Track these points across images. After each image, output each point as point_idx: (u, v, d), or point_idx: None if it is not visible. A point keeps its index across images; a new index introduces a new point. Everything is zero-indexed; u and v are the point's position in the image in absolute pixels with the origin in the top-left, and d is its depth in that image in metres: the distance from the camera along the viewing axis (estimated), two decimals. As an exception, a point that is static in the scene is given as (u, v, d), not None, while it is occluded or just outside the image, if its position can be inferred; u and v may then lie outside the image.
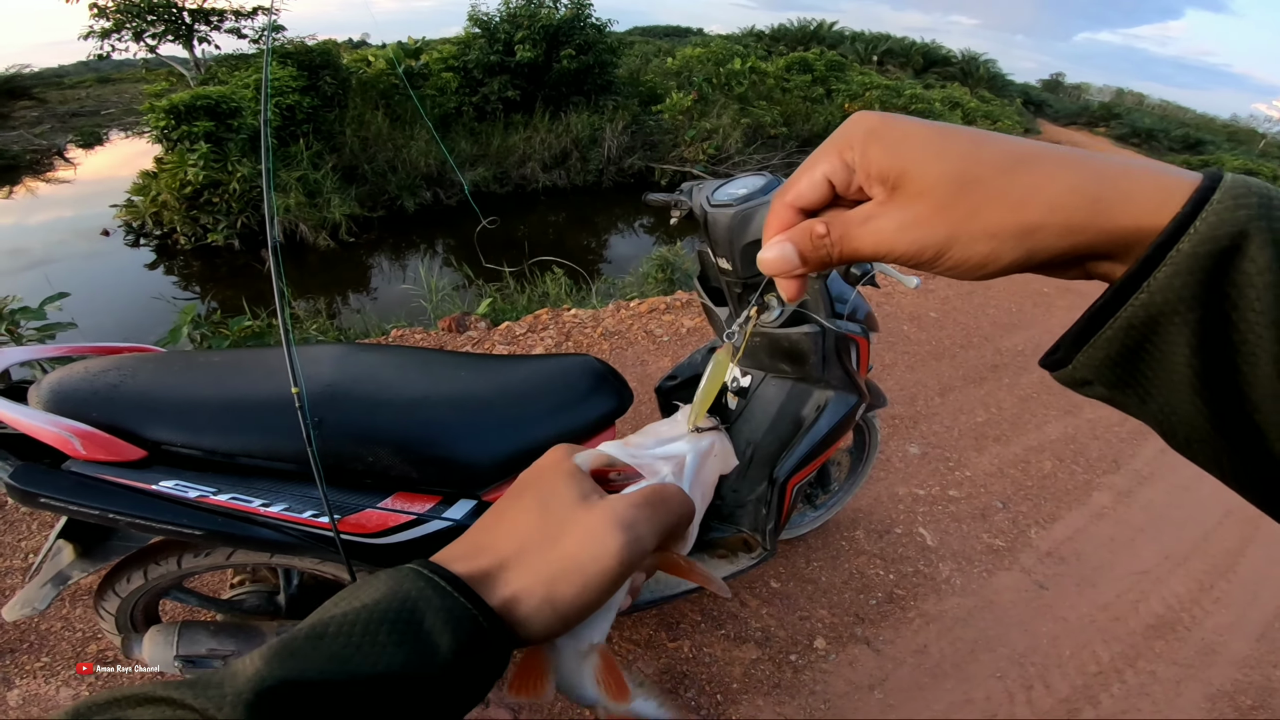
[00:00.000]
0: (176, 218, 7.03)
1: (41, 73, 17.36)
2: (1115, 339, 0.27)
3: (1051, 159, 0.28)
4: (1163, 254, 0.25)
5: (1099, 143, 18.44)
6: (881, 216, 0.32)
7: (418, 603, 0.32)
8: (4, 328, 2.67)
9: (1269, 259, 0.24)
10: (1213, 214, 0.25)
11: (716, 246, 1.31)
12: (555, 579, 0.35)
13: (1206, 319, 0.25)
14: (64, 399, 0.97)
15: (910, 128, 0.31)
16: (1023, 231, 0.28)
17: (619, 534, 0.35)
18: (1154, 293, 0.26)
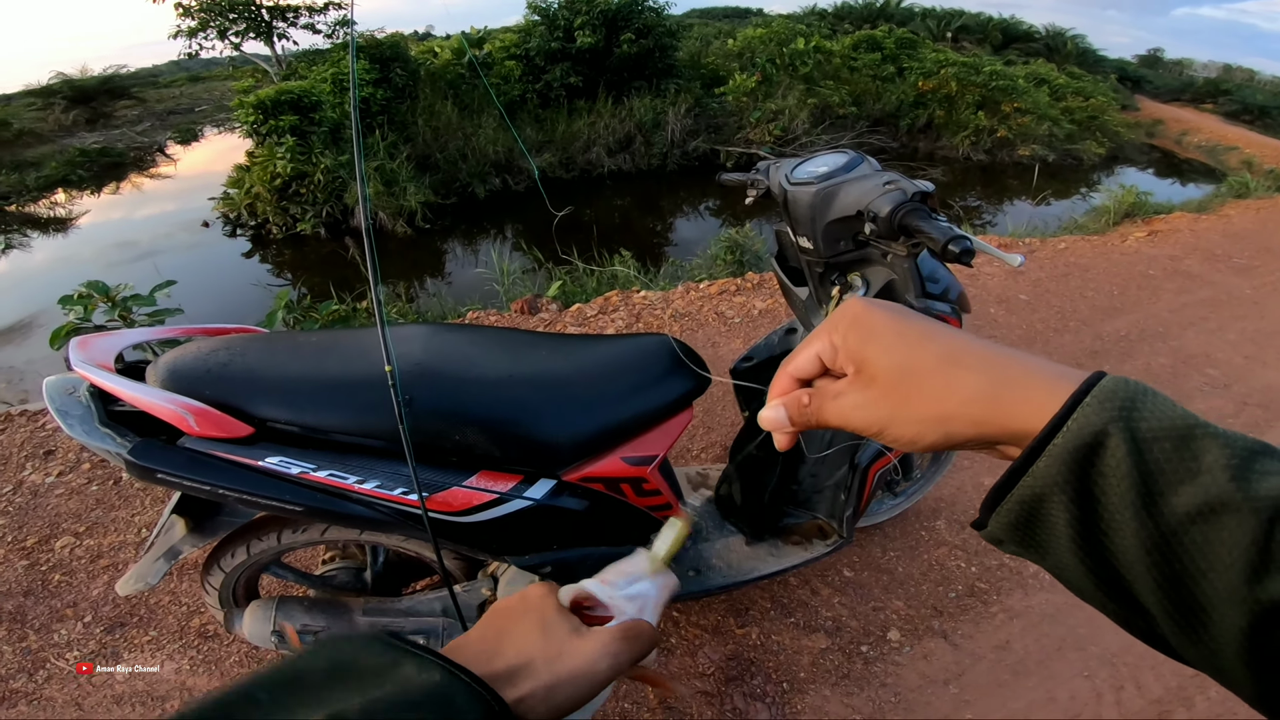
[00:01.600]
0: (268, 209, 7.49)
1: (137, 73, 18.74)
2: (1013, 510, 0.33)
3: (975, 360, 0.35)
4: (1043, 447, 0.31)
5: (1206, 119, 16.79)
6: (846, 395, 0.39)
7: (450, 693, 0.39)
8: (118, 313, 2.91)
9: (1124, 453, 0.29)
10: (1082, 416, 0.30)
11: (797, 226, 1.27)
12: (555, 687, 0.45)
13: (1078, 499, 0.31)
14: (179, 377, 1.03)
15: (880, 319, 0.38)
16: (940, 419, 0.35)
17: (607, 660, 0.47)
18: (1036, 477, 0.31)
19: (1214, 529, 0.28)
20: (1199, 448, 0.29)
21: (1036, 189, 8.83)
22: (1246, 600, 0.27)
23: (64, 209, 9.64)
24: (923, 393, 0.36)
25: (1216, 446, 0.29)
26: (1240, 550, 0.28)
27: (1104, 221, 5.69)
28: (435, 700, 0.38)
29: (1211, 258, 4.65)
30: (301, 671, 0.39)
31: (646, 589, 0.53)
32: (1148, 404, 0.30)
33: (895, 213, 1.02)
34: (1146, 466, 0.29)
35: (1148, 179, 11.52)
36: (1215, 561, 0.28)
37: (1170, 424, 0.30)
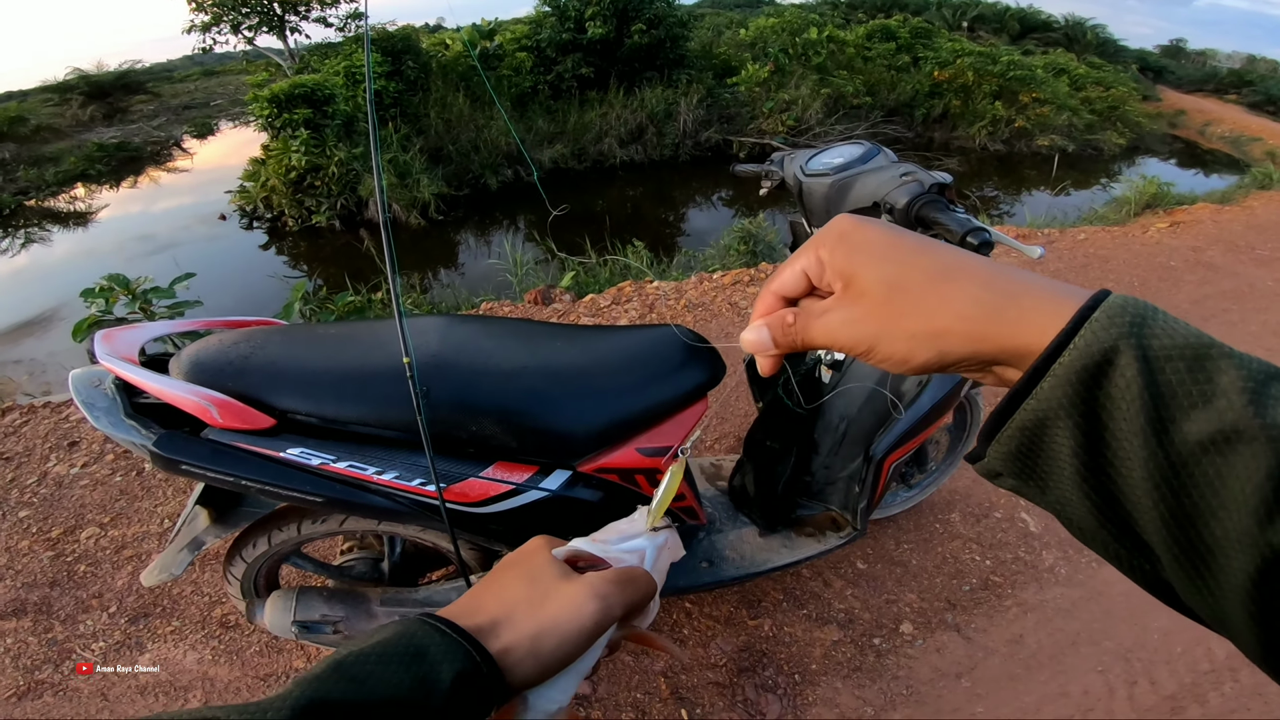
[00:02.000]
0: (284, 201, 7.57)
1: (152, 68, 18.92)
2: (1013, 438, 0.31)
3: (971, 275, 0.33)
4: (1048, 366, 0.29)
5: (1230, 110, 16.41)
6: (832, 311, 0.37)
7: (424, 642, 0.39)
8: (138, 306, 2.96)
9: (1135, 373, 0.27)
10: (1089, 332, 0.28)
11: (813, 217, 1.27)
12: (540, 635, 0.43)
13: (1084, 424, 0.29)
14: (202, 369, 1.05)
15: (870, 234, 0.36)
16: (933, 335, 0.33)
17: (594, 601, 0.44)
18: (1040, 400, 0.29)
19: (1228, 460, 0.26)
20: (1214, 369, 0.27)
21: (1055, 179, 8.70)
22: (1257, 542, 0.25)
23: (83, 203, 9.78)
24: (915, 307, 0.34)
25: (1233, 368, 0.27)
26: (1254, 486, 0.25)
27: (1125, 212, 5.60)
28: (407, 651, 0.38)
29: (1234, 249, 4.56)
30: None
31: (643, 544, 0.51)
32: (1159, 321, 0.28)
33: (912, 204, 1.02)
34: (1158, 388, 0.27)
35: (1170, 170, 11.29)
36: (1227, 498, 0.26)
37: (1184, 342, 0.28)
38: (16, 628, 1.78)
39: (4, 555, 1.99)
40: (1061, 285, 0.32)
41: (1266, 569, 0.25)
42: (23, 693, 1.63)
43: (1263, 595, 0.26)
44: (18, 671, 1.67)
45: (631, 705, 1.58)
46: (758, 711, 1.58)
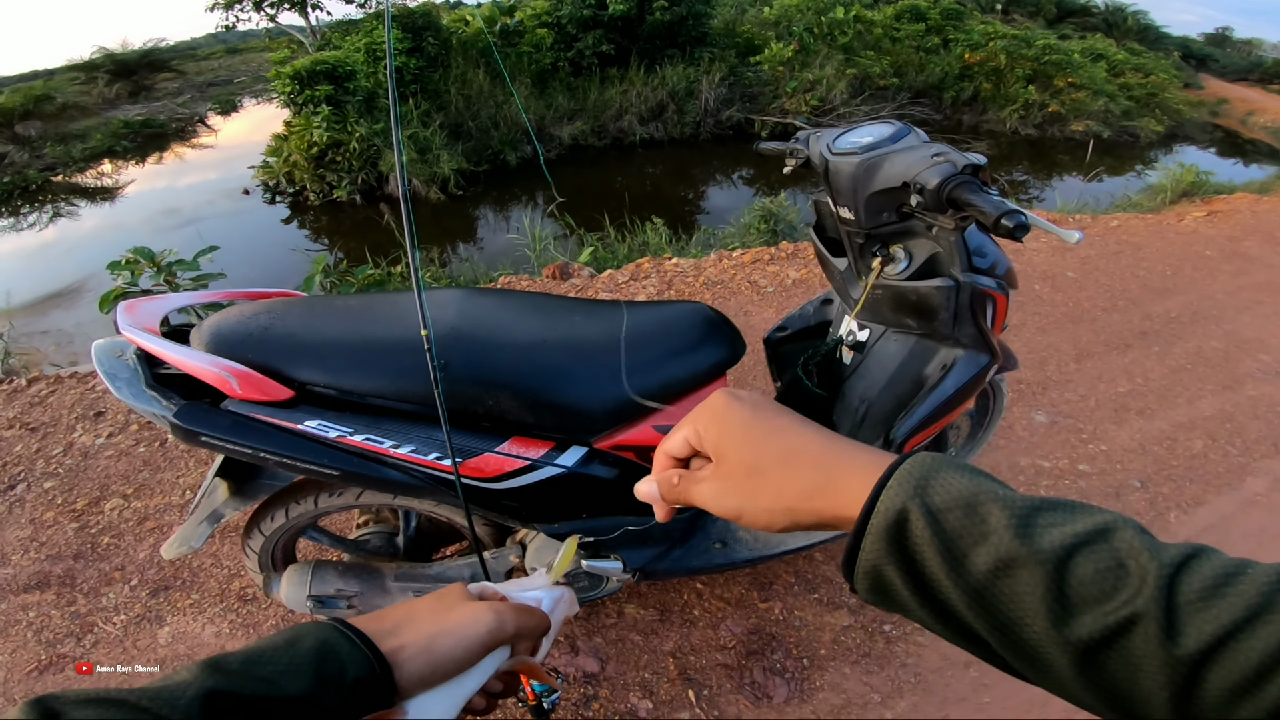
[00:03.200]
0: (306, 176, 7.61)
1: (176, 46, 18.95)
2: (863, 579, 0.37)
3: (807, 458, 0.40)
4: (864, 528, 0.36)
5: (1274, 100, 15.79)
6: (706, 481, 0.44)
7: (333, 647, 0.44)
8: (163, 278, 3.00)
9: (923, 525, 0.34)
10: (886, 497, 0.36)
11: (838, 196, 1.23)
12: (436, 635, 0.47)
13: (904, 567, 0.35)
14: (223, 341, 1.05)
15: (734, 416, 0.43)
16: (786, 510, 0.40)
17: (492, 616, 0.50)
18: (867, 553, 0.36)
19: (1012, 582, 0.32)
20: (985, 512, 0.33)
21: (1089, 165, 8.44)
22: (1061, 642, 0.30)
23: (110, 179, 9.89)
24: (767, 488, 0.41)
25: (998, 509, 0.33)
26: (1038, 598, 0.31)
27: (1160, 200, 5.43)
28: (316, 655, 0.42)
29: (1272, 240, 4.41)
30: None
31: (540, 595, 0.57)
32: (940, 479, 0.35)
33: (944, 185, 0.98)
34: (945, 534, 0.33)
35: (1209, 158, 10.90)
36: (1024, 610, 0.31)
37: (958, 494, 0.34)
38: (40, 600, 1.80)
39: (29, 527, 2.02)
40: (877, 456, 0.39)
41: (1081, 661, 0.30)
42: (45, 666, 1.64)
43: (1091, 682, 0.30)
44: (40, 645, 1.69)
45: (639, 685, 1.59)
46: (765, 694, 1.58)
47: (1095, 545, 0.31)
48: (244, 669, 0.40)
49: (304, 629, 0.45)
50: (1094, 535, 0.32)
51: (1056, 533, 0.32)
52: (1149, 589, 0.29)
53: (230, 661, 0.40)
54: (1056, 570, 0.31)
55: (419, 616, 0.49)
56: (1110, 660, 0.30)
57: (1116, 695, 0.30)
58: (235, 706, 0.37)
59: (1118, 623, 0.29)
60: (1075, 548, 0.31)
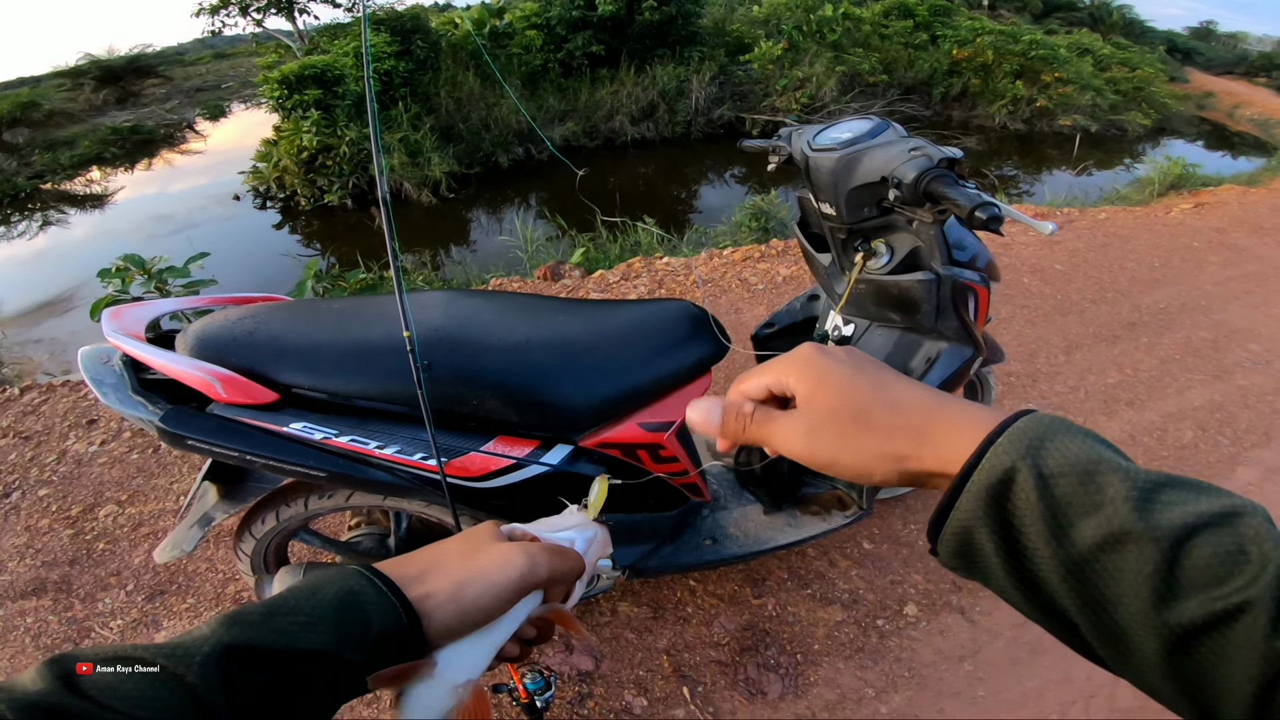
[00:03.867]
0: (296, 181, 7.59)
1: (163, 51, 18.87)
2: (950, 541, 0.36)
3: (917, 408, 0.39)
4: (964, 484, 0.35)
5: (1259, 93, 15.95)
6: (795, 421, 0.41)
7: (357, 596, 0.41)
8: (154, 285, 2.99)
9: (1031, 488, 0.32)
10: (993, 455, 0.34)
11: (820, 192, 1.24)
12: (465, 582, 0.44)
13: (1000, 531, 0.33)
14: (207, 345, 1.06)
15: (837, 365, 0.42)
16: (895, 458, 0.39)
17: (524, 558, 0.46)
18: (961, 512, 0.35)
19: (1119, 558, 0.30)
20: (1102, 481, 0.32)
21: (1077, 159, 8.50)
22: (1157, 626, 0.29)
23: (99, 186, 9.84)
24: (870, 435, 0.39)
25: (1118, 480, 0.31)
26: (1144, 578, 0.29)
27: (1148, 192, 5.47)
28: (341, 606, 0.40)
29: (1260, 231, 4.44)
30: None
31: (573, 535, 0.53)
32: (1056, 441, 0.33)
33: (921, 179, 0.99)
34: (1053, 500, 0.32)
35: (1196, 151, 10.98)
36: (1124, 589, 0.30)
37: (1075, 459, 0.32)
38: (37, 606, 1.81)
39: (25, 534, 2.02)
40: (988, 412, 0.38)
41: (1172, 648, 0.29)
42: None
43: (1176, 669, 0.29)
44: (38, 651, 1.70)
45: (634, 682, 1.60)
46: (759, 690, 1.59)
47: (1218, 528, 0.30)
48: (263, 620, 0.38)
49: (327, 576, 0.43)
50: (1219, 518, 0.30)
51: (1178, 511, 0.30)
52: (1267, 578, 0.28)
53: (250, 614, 0.38)
54: (1171, 550, 0.29)
55: (446, 561, 0.46)
56: (1204, 648, 0.28)
57: (1199, 686, 0.29)
58: (253, 661, 0.36)
59: (1225, 610, 0.28)
60: (1196, 529, 0.30)
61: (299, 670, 0.37)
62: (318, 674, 0.38)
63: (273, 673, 0.36)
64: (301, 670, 0.37)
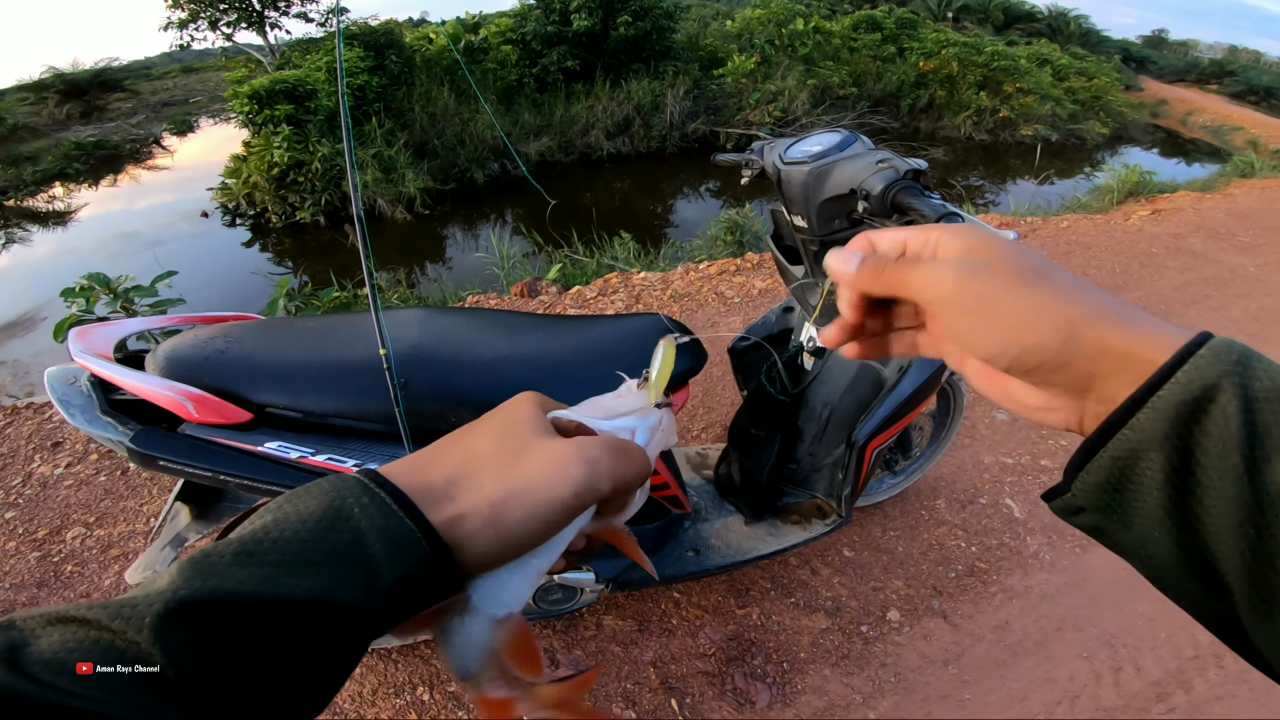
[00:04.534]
0: (267, 198, 7.48)
1: (130, 65, 18.59)
2: (1104, 468, 0.31)
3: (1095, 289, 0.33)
4: (1147, 397, 0.29)
5: (1211, 100, 16.65)
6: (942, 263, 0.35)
7: (360, 522, 0.30)
8: (120, 305, 2.92)
9: (1235, 410, 0.27)
10: (1194, 368, 0.28)
11: (791, 205, 1.27)
12: (505, 499, 0.33)
13: (1176, 459, 0.28)
14: (177, 365, 1.04)
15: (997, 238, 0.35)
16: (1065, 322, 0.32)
17: (581, 465, 0.34)
18: (1136, 431, 0.29)
19: None
20: None
21: (1039, 168, 8.77)
22: None
23: (63, 202, 9.61)
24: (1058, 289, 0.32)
25: None
26: None
27: (1107, 200, 5.65)
28: (339, 541, 0.30)
29: (1215, 236, 4.62)
30: None
31: (633, 422, 0.41)
32: (1263, 364, 0.29)
33: (888, 191, 1.02)
34: (1255, 429, 0.27)
35: (1152, 159, 11.42)
36: None
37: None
38: (4, 629, 1.77)
39: (-11, 557, 1.97)
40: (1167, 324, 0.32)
41: None
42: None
43: None
44: None
45: (622, 695, 1.59)
46: (747, 700, 1.59)
47: None
48: (235, 563, 0.28)
49: (321, 492, 0.31)
50: None
51: None
52: None
53: (219, 554, 0.28)
54: None
55: (481, 467, 0.35)
56: None
57: None
58: (218, 617, 0.27)
59: None
60: None
61: (288, 626, 0.28)
62: (315, 628, 0.29)
63: (251, 631, 0.27)
64: (292, 625, 0.28)
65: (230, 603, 0.27)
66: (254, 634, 0.27)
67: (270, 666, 0.28)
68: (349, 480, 0.32)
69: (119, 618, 0.26)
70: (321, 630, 0.29)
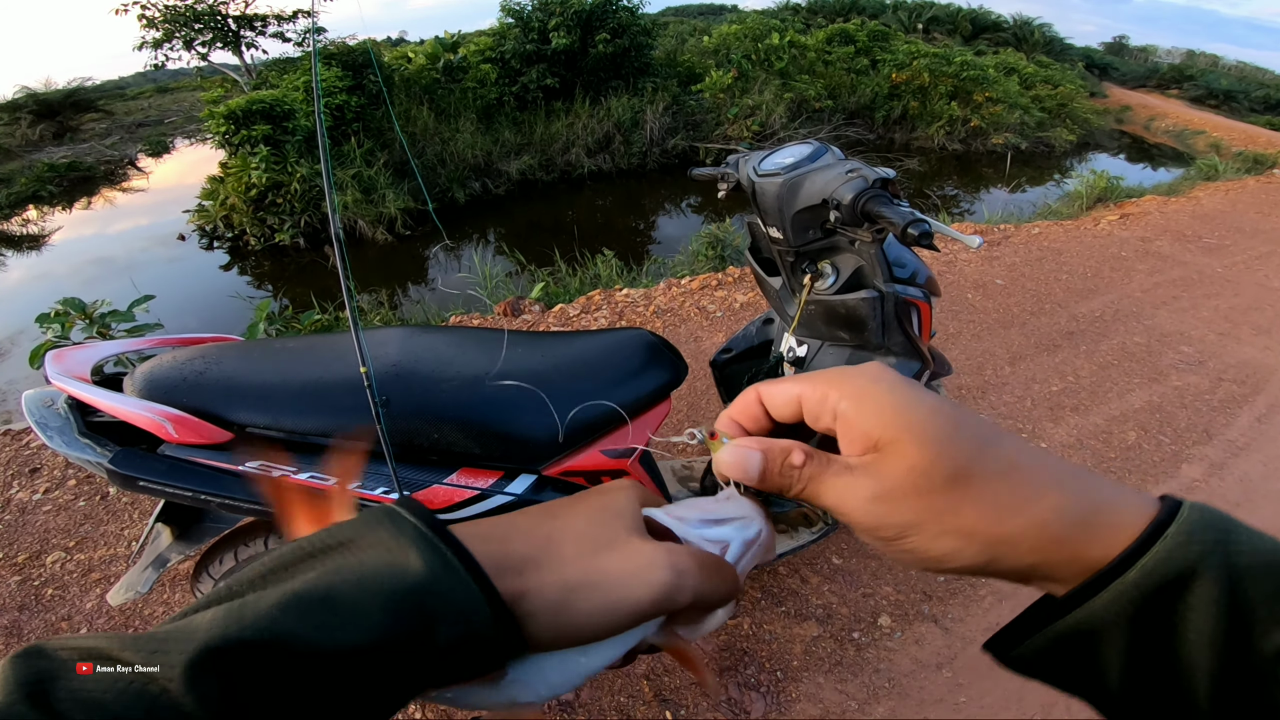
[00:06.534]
0: (245, 220, 7.40)
1: (103, 85, 18.43)
2: (1048, 642, 0.29)
3: (1047, 474, 0.30)
4: (1110, 580, 0.27)
5: (1173, 105, 17.16)
6: (857, 478, 0.31)
7: (427, 585, 0.28)
8: (96, 330, 2.88)
9: (1217, 589, 0.26)
10: (1163, 549, 0.27)
11: (766, 216, 1.29)
12: (578, 587, 0.31)
13: (1143, 636, 0.27)
14: (156, 386, 1.03)
15: (922, 398, 0.31)
16: (996, 540, 0.29)
17: (666, 572, 0.32)
18: (1093, 613, 0.27)
19: None
20: None
21: (1010, 176, 8.98)
22: None
23: (36, 226, 9.47)
24: (981, 504, 0.29)
25: None
26: None
27: (1077, 206, 5.80)
28: (396, 591, 0.27)
29: (1182, 238, 4.75)
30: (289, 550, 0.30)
31: (730, 534, 0.37)
32: (1244, 532, 0.27)
33: (858, 200, 1.05)
34: (1245, 603, 0.26)
35: (1119, 164, 11.73)
36: None
37: (1272, 555, 0.27)
38: (-14, 652, 1.73)
39: (-34, 584, 1.93)
40: (1126, 490, 0.30)
41: None
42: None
43: None
44: None
45: (615, 709, 1.58)
46: (742, 710, 1.58)
47: None
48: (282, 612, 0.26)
49: (386, 543, 0.29)
50: None
51: None
52: None
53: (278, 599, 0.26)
54: None
55: (562, 548, 0.32)
56: None
57: None
58: (260, 663, 0.25)
59: None
60: None
61: (328, 676, 0.26)
62: (352, 676, 0.26)
63: (291, 680, 0.25)
64: (332, 675, 0.26)
65: (276, 645, 0.25)
66: (294, 683, 0.25)
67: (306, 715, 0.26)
68: (414, 535, 0.29)
69: (154, 654, 0.24)
70: (360, 676, 0.27)
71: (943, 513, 0.29)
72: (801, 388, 0.33)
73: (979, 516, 0.29)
